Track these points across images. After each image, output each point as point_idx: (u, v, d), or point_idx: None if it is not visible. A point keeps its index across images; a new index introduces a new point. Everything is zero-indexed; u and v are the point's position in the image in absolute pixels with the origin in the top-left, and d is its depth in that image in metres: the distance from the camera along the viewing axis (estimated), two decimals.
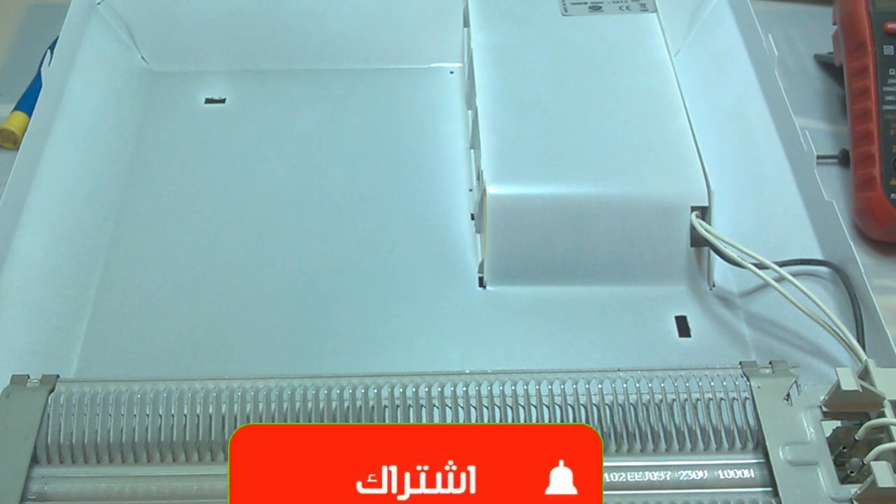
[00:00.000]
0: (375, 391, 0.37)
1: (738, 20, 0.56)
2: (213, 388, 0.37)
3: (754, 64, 0.53)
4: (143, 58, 0.59)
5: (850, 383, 0.35)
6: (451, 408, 0.37)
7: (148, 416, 0.37)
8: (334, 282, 0.48)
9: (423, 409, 0.37)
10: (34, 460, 0.36)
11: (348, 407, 0.37)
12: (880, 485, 0.33)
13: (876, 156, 0.50)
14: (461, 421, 0.37)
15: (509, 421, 0.37)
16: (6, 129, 0.54)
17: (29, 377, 0.38)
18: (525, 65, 0.52)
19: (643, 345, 0.45)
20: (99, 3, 0.57)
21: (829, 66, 0.60)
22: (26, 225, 0.46)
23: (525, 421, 0.37)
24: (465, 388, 0.37)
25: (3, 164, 0.51)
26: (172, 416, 0.37)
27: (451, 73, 0.58)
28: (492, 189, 0.46)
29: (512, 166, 0.47)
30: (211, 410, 0.37)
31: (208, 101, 0.57)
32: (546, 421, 0.37)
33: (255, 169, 0.53)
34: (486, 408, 0.37)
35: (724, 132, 0.52)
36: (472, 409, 0.37)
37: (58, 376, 0.38)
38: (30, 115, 0.54)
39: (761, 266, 0.43)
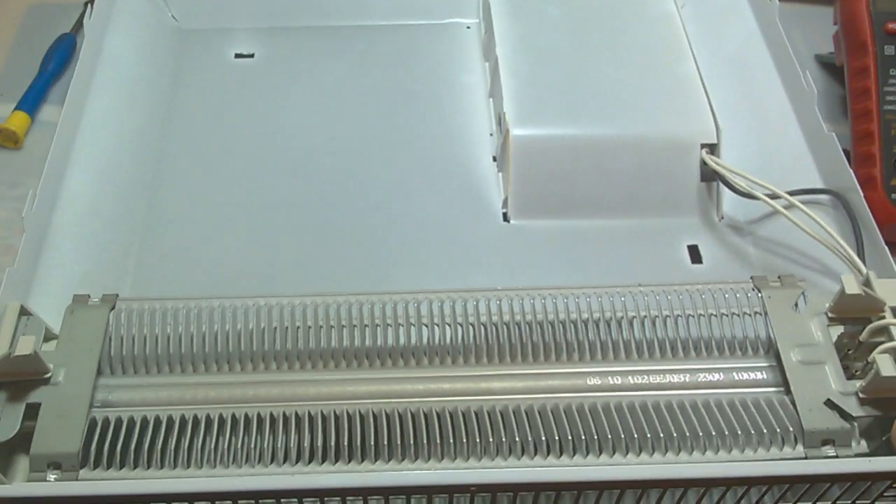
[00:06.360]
0: (416, 306, 0.40)
1: None
2: (264, 304, 0.40)
3: (756, 13, 0.56)
4: (173, 16, 0.61)
5: (853, 287, 0.38)
6: (484, 324, 0.39)
7: (204, 329, 0.39)
8: (367, 219, 0.50)
9: (460, 326, 0.39)
10: (98, 371, 0.38)
11: (389, 320, 0.39)
12: (883, 374, 0.35)
13: (876, 156, 0.50)
14: (492, 336, 0.39)
15: (534, 337, 0.39)
16: (7, 128, 0.54)
17: (90, 296, 0.40)
18: (541, 16, 0.55)
19: (658, 272, 0.48)
20: None
21: (829, 66, 0.60)
22: (74, 165, 0.48)
23: (550, 336, 0.39)
24: (498, 304, 0.40)
25: (4, 164, 0.52)
26: (227, 328, 0.39)
27: (468, 28, 0.61)
28: (515, 130, 0.49)
29: (533, 109, 0.50)
30: (263, 324, 0.39)
31: (238, 55, 0.59)
32: (570, 337, 0.39)
33: (284, 118, 0.55)
34: (517, 324, 0.39)
35: (729, 78, 0.55)
36: (505, 327, 0.39)
37: (117, 295, 0.40)
38: (30, 114, 0.55)
39: (773, 196, 0.46)
